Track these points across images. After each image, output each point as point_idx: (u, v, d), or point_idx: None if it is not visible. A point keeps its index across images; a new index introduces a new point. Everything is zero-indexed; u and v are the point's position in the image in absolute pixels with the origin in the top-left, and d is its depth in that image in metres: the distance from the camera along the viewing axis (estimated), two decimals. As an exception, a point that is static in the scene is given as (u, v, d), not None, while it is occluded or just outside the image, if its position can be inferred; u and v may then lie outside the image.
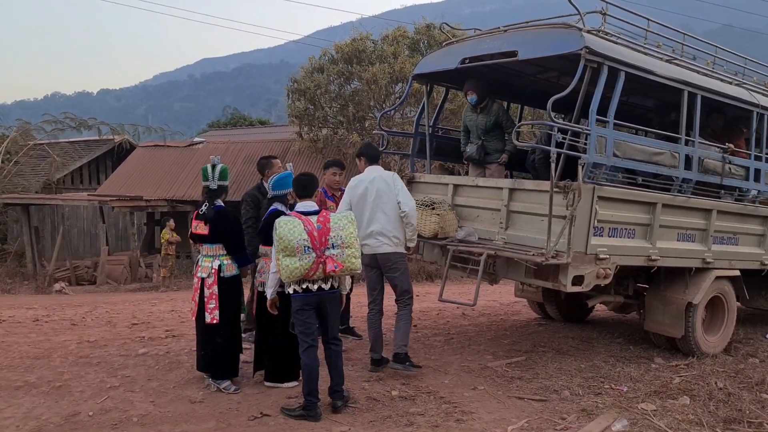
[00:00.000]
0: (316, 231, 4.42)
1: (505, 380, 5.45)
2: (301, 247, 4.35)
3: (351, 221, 4.58)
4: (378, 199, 5.32)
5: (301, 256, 4.35)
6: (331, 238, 4.43)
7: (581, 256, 5.13)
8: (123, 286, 15.76)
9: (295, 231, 4.37)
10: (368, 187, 5.35)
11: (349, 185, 5.49)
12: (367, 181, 5.40)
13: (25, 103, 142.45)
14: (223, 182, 5.13)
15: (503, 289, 10.67)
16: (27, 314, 8.55)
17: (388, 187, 5.35)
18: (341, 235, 4.46)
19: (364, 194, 5.35)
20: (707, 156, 6.17)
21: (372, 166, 5.54)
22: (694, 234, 6.15)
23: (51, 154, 20.83)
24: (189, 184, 18.45)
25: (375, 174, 5.44)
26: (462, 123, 6.91)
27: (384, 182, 5.37)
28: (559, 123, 5.04)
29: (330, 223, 4.49)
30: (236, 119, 35.27)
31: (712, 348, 6.35)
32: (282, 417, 4.50)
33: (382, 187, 5.35)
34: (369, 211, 5.32)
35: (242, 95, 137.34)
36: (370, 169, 5.52)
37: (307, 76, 17.05)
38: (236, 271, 5.13)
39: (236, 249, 5.14)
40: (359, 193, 5.38)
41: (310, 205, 4.65)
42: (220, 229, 5.04)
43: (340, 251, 4.44)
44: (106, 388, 5.05)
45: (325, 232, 4.43)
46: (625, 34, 5.69)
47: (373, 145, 5.97)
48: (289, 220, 4.45)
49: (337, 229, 4.47)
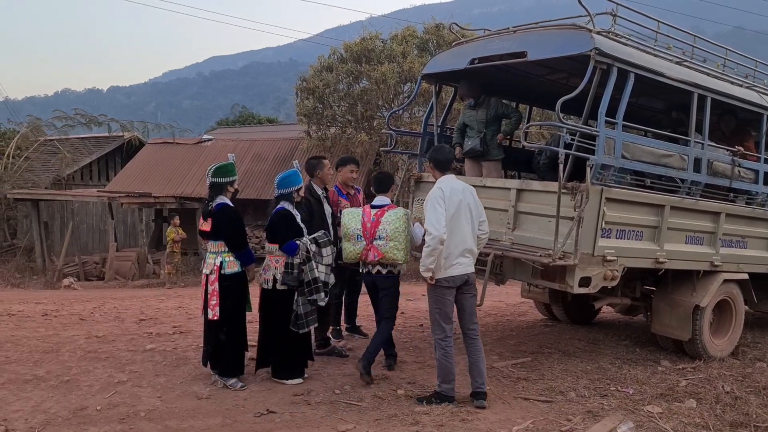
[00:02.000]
0: (370, 223, 5.16)
1: (510, 381, 5.45)
2: (354, 235, 5.21)
3: (399, 218, 5.12)
4: (468, 214, 4.78)
5: (354, 242, 5.21)
6: (379, 230, 5.12)
7: (588, 258, 5.12)
8: (131, 282, 15.84)
9: (353, 221, 5.23)
10: (462, 200, 4.76)
11: (442, 195, 4.70)
12: (459, 191, 4.78)
13: (36, 99, 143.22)
14: (217, 179, 5.08)
15: (510, 290, 10.65)
16: (36, 309, 8.62)
17: (476, 202, 4.86)
18: (387, 229, 5.08)
19: (459, 206, 4.72)
20: (716, 158, 6.15)
21: (447, 175, 4.93)
22: (703, 237, 6.13)
23: (61, 150, 20.96)
24: (197, 181, 18.51)
25: (461, 184, 4.87)
26: (458, 122, 6.90)
27: (472, 197, 4.85)
28: (567, 124, 5.04)
29: (383, 218, 5.14)
30: (245, 117, 35.40)
31: (720, 351, 6.33)
32: (288, 414, 4.52)
33: (472, 201, 4.82)
34: (463, 225, 4.74)
35: (251, 93, 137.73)
36: (450, 178, 4.90)
37: (316, 75, 17.07)
38: (238, 269, 5.12)
39: (237, 246, 5.11)
40: (455, 203, 4.71)
41: (383, 199, 5.32)
42: (220, 226, 5.05)
43: (384, 242, 5.08)
44: (113, 383, 5.09)
45: (376, 225, 5.13)
46: (635, 35, 5.68)
47: (446, 149, 5.29)
48: (353, 212, 5.36)
49: (386, 223, 5.10)
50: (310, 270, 5.13)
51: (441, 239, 4.56)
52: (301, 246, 5.11)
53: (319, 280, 5.18)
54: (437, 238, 4.56)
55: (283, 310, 5.16)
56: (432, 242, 4.58)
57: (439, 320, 4.81)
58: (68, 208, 20.54)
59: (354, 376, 5.35)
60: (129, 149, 22.34)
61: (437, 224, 4.59)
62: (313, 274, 5.14)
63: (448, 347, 4.79)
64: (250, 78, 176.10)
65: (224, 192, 5.12)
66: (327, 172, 6.02)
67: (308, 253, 5.14)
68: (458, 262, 4.72)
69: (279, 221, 5.19)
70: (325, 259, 5.29)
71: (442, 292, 4.76)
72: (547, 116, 12.98)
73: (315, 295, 5.14)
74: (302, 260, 5.12)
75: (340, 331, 6.66)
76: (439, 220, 4.60)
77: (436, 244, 4.57)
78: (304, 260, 5.12)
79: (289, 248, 5.10)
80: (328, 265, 5.33)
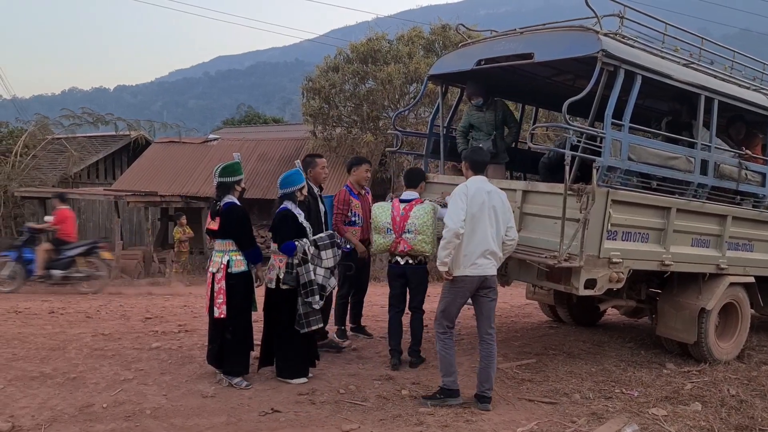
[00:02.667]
0: (399, 217, 5.51)
1: (515, 382, 5.45)
2: (384, 228, 5.57)
3: (427, 212, 5.45)
4: (493, 216, 4.76)
5: (384, 235, 5.58)
6: (408, 224, 5.46)
7: (594, 260, 5.11)
8: (136, 280, 15.89)
9: (383, 215, 5.59)
10: (485, 201, 4.74)
11: (465, 191, 4.76)
12: (484, 192, 4.78)
13: (43, 97, 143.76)
14: (224, 179, 5.12)
15: (514, 291, 10.64)
16: (43, 306, 8.66)
17: (503, 206, 4.83)
18: (416, 223, 5.44)
19: (482, 207, 4.72)
20: (723, 161, 6.13)
21: (479, 176, 4.93)
22: (709, 239, 6.11)
23: (68, 149, 21.04)
24: (203, 180, 18.54)
25: (490, 187, 4.87)
26: (463, 122, 6.87)
27: (501, 200, 4.83)
28: (574, 126, 5.03)
29: (411, 212, 5.49)
30: (250, 117, 35.43)
31: (725, 355, 6.31)
32: (293, 413, 4.54)
33: (499, 204, 4.80)
34: (484, 226, 4.72)
35: (257, 93, 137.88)
36: (480, 179, 4.90)
37: (322, 75, 17.10)
38: (245, 267, 5.14)
39: (245, 245, 5.15)
40: (478, 203, 4.72)
41: (412, 194, 5.67)
42: (228, 224, 5.08)
43: (413, 236, 5.45)
44: (119, 381, 5.12)
45: (405, 219, 5.48)
46: (642, 37, 5.66)
47: (482, 151, 5.30)
48: (383, 205, 5.70)
49: (414, 217, 5.46)
50: (306, 272, 5.13)
51: (456, 233, 4.61)
52: (298, 247, 5.11)
53: (315, 282, 5.15)
54: (452, 231, 4.62)
55: (286, 310, 5.17)
56: (447, 235, 4.65)
57: (442, 317, 4.89)
58: (75, 206, 20.58)
59: (358, 376, 5.36)
60: (135, 148, 22.40)
61: (455, 218, 4.65)
62: (309, 277, 5.13)
63: (448, 340, 4.90)
64: (256, 78, 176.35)
65: (231, 191, 5.15)
66: (319, 171, 6.06)
67: (305, 255, 5.14)
68: (478, 263, 4.71)
69: (279, 222, 5.21)
70: (325, 262, 5.27)
71: (454, 293, 4.80)
72: (553, 118, 12.95)
73: (310, 298, 5.13)
74: (299, 262, 5.13)
75: (345, 331, 6.67)
76: (458, 214, 4.66)
77: (452, 237, 4.62)
78: (300, 262, 5.13)
79: (287, 248, 5.12)
80: (328, 268, 5.31)
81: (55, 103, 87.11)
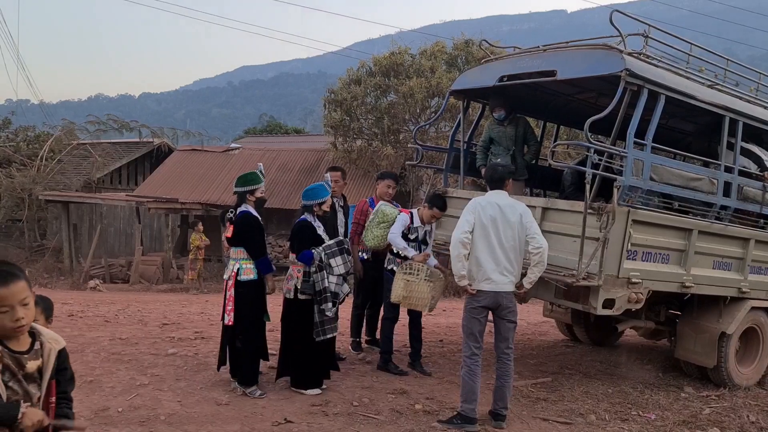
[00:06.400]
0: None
1: (530, 401, 5.40)
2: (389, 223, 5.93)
3: (380, 210, 5.96)
4: (506, 230, 4.68)
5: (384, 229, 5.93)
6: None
7: (613, 280, 5.07)
8: (155, 286, 16.06)
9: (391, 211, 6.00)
10: (496, 216, 4.68)
11: (477, 205, 4.76)
12: (497, 207, 4.70)
13: (70, 103, 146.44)
14: (239, 188, 5.21)
15: (531, 309, 10.56)
16: (62, 309, 8.77)
17: (521, 222, 4.71)
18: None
19: (492, 221, 4.66)
20: (747, 183, 6.06)
21: (497, 191, 4.86)
22: (731, 262, 6.03)
23: (93, 154, 21.39)
24: (224, 189, 18.73)
25: (506, 201, 4.78)
26: (483, 137, 6.87)
27: (519, 216, 4.71)
28: (596, 144, 5.01)
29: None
30: (272, 127, 35.77)
31: (745, 380, 6.20)
32: (305, 424, 4.53)
33: (515, 219, 4.69)
34: (495, 241, 4.65)
35: (279, 103, 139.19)
36: (495, 193, 4.85)
37: (344, 87, 17.23)
38: (254, 276, 5.16)
39: (255, 254, 5.19)
40: (488, 216, 4.67)
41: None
42: (240, 233, 5.14)
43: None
44: (135, 386, 5.16)
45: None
46: (666, 57, 5.64)
47: (499, 168, 5.09)
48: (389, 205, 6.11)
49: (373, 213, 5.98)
50: (321, 279, 5.17)
51: (460, 242, 4.63)
52: (315, 255, 5.15)
53: (328, 290, 5.17)
54: (454, 239, 4.66)
55: (302, 320, 5.19)
56: (451, 246, 4.71)
57: (466, 338, 4.79)
58: (97, 211, 20.92)
59: (372, 389, 5.34)
60: (158, 155, 22.72)
61: (459, 228, 4.69)
62: (323, 284, 5.15)
63: (474, 366, 4.70)
64: (279, 88, 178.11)
65: (246, 200, 5.22)
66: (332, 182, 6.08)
67: (320, 262, 5.18)
68: (491, 278, 4.66)
69: (297, 232, 5.25)
70: (336, 269, 5.27)
71: (472, 310, 4.75)
72: (574, 135, 12.91)
73: (323, 305, 5.16)
74: (315, 269, 5.17)
75: (360, 343, 6.66)
76: (462, 225, 4.69)
77: (457, 248, 4.64)
78: (316, 269, 5.17)
79: (304, 257, 5.15)
80: (339, 275, 5.32)
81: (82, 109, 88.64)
